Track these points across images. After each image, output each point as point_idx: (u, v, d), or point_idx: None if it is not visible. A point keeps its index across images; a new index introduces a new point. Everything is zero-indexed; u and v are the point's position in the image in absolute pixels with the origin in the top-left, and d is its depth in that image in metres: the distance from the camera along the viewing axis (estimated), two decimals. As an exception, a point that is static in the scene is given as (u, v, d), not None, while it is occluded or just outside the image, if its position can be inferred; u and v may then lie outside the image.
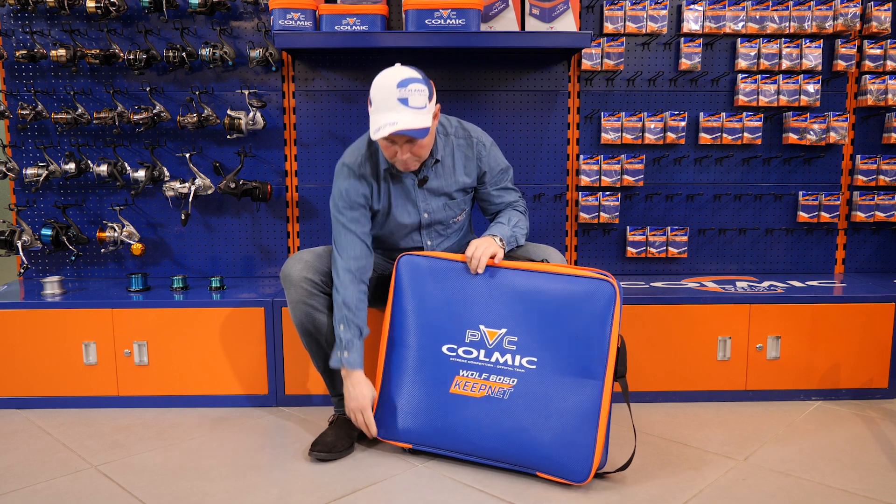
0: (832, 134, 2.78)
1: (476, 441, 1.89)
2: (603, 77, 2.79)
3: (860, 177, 2.84)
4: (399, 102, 1.83)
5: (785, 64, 2.76)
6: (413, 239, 2.13)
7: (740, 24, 2.74)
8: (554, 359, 1.85)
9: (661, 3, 2.71)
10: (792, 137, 2.78)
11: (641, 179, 2.80)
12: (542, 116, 2.80)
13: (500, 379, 1.88)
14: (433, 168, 2.05)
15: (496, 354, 1.90)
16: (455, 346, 1.93)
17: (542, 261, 2.00)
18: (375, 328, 2.33)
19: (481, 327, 1.92)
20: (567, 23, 2.58)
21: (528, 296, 1.90)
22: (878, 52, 2.77)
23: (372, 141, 2.01)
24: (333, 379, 2.10)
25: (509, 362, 1.88)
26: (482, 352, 1.91)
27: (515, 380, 1.87)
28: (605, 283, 1.84)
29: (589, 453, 1.78)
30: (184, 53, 2.61)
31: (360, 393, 1.97)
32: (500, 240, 2.00)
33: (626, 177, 2.80)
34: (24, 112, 2.62)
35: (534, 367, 1.86)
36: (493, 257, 1.94)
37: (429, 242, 2.15)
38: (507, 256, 2.02)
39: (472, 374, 1.91)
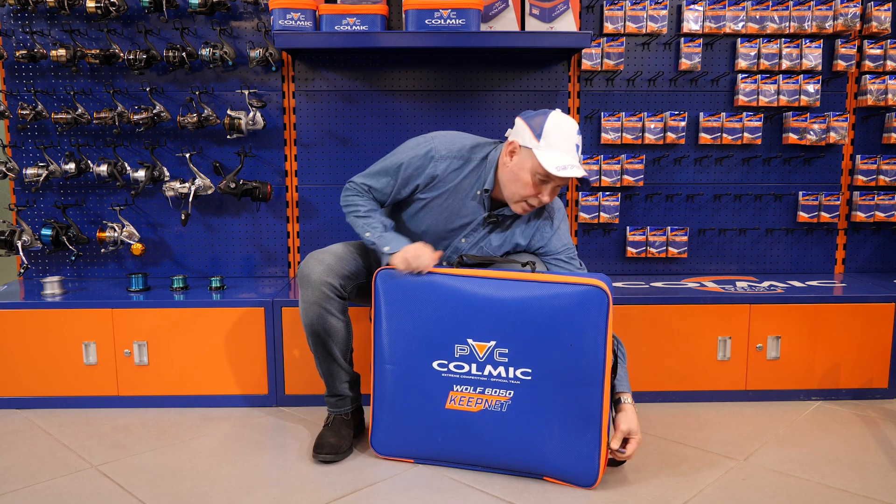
0: (832, 134, 2.78)
1: (479, 455, 1.88)
2: (603, 77, 2.79)
3: (860, 177, 2.84)
4: (575, 148, 1.89)
5: (785, 64, 2.76)
6: (442, 245, 2.09)
7: (740, 24, 2.74)
8: (549, 370, 1.79)
9: (661, 3, 2.71)
10: (792, 137, 2.78)
11: (641, 179, 2.80)
12: (542, 116, 2.80)
13: (495, 392, 1.83)
14: (507, 220, 2.04)
15: (488, 367, 1.83)
16: (445, 362, 1.87)
17: (527, 263, 1.92)
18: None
19: (469, 341, 1.84)
20: (567, 23, 2.58)
21: (516, 306, 1.80)
22: (878, 52, 2.77)
23: (482, 154, 2.00)
24: (333, 381, 2.10)
25: (503, 374, 1.82)
26: (473, 366, 1.84)
27: (511, 392, 1.82)
28: (596, 289, 1.75)
29: (595, 458, 1.78)
30: (184, 53, 2.61)
31: (417, 250, 1.90)
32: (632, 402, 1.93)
33: (626, 177, 2.80)
34: (24, 112, 2.62)
35: (529, 378, 1.80)
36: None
37: (462, 240, 2.08)
38: (495, 263, 1.97)
39: (465, 389, 1.85)
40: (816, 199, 2.85)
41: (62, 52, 2.58)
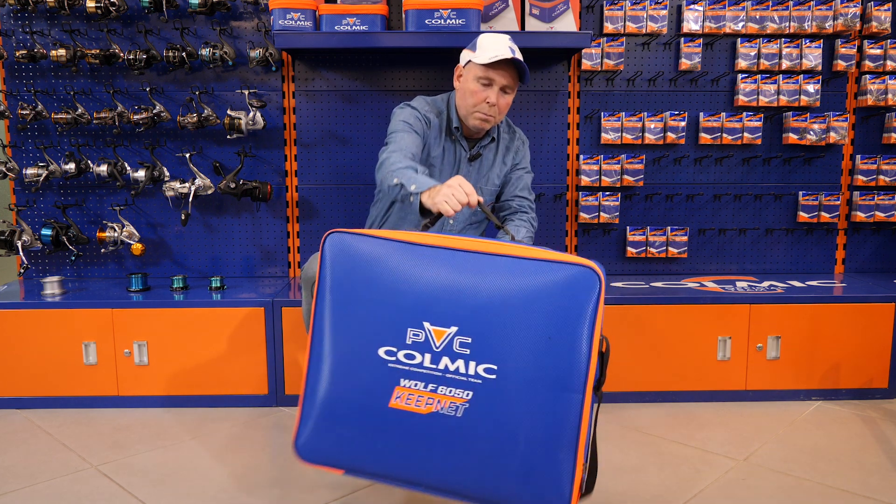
0: (832, 134, 2.78)
1: (425, 468, 1.49)
2: (603, 77, 2.79)
3: (860, 177, 2.84)
4: (510, 49, 2.01)
5: (785, 64, 2.76)
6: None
7: (740, 24, 2.74)
8: (519, 367, 1.45)
9: (661, 3, 2.71)
10: (792, 137, 2.78)
11: (641, 179, 2.80)
12: (542, 116, 2.80)
13: (450, 391, 1.47)
14: (487, 146, 2.20)
15: (445, 360, 1.49)
16: (394, 349, 1.52)
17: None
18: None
19: (426, 325, 1.51)
20: (567, 23, 2.58)
21: (488, 286, 1.49)
22: (878, 52, 2.77)
23: (444, 103, 2.17)
24: None
25: (461, 370, 1.48)
26: (427, 356, 1.50)
27: (470, 392, 1.46)
28: (587, 270, 1.43)
29: (567, 482, 1.41)
30: (184, 53, 2.61)
31: (446, 183, 1.71)
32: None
33: (626, 177, 2.80)
34: (24, 112, 2.62)
35: (493, 376, 1.45)
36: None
37: (450, 221, 2.22)
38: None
39: (415, 385, 1.50)
40: (816, 199, 2.85)
41: (62, 52, 2.58)
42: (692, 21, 2.73)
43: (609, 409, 2.40)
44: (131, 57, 2.60)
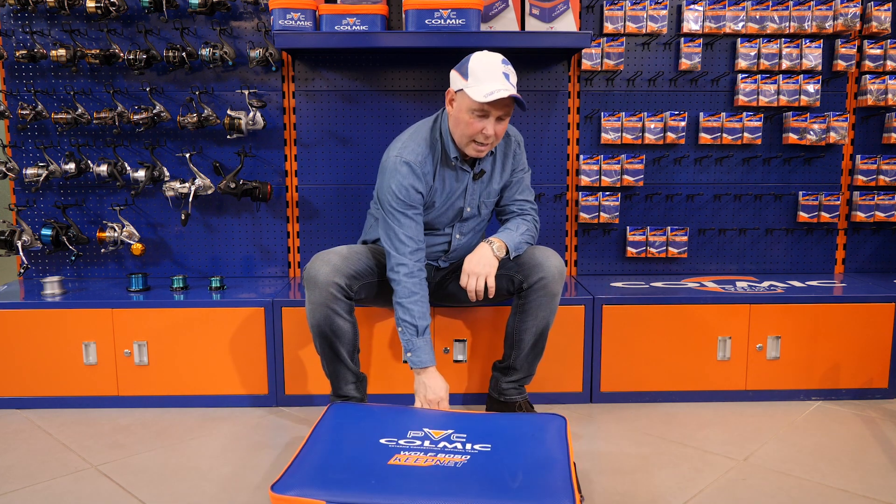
0: (832, 134, 2.78)
1: (425, 494, 1.54)
2: (603, 77, 2.79)
3: (860, 177, 2.84)
4: (504, 76, 1.95)
5: (785, 64, 2.76)
6: (446, 231, 2.20)
7: (740, 24, 2.74)
8: (510, 446, 1.73)
9: (661, 3, 2.71)
10: (792, 137, 2.78)
11: (641, 179, 2.80)
12: (542, 116, 2.80)
13: (449, 455, 1.68)
14: (488, 162, 2.15)
15: (443, 444, 1.74)
16: (395, 439, 1.75)
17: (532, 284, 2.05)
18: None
19: (425, 429, 1.81)
20: (567, 23, 2.58)
21: (480, 415, 1.93)
22: (878, 52, 2.77)
23: (437, 133, 2.08)
24: (339, 382, 2.11)
25: (459, 448, 1.71)
26: (427, 442, 1.75)
27: (468, 457, 1.67)
28: (556, 415, 1.89)
29: (568, 492, 1.53)
30: (184, 53, 2.61)
31: (437, 385, 2.01)
32: (499, 248, 2.06)
33: (626, 177, 2.80)
34: (24, 112, 2.62)
35: (488, 449, 1.71)
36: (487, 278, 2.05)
37: (458, 236, 2.22)
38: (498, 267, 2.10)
39: (414, 454, 1.69)
40: (816, 199, 2.85)
41: (62, 52, 2.58)
42: (692, 21, 2.73)
43: (609, 409, 2.40)
44: (131, 57, 2.60)
